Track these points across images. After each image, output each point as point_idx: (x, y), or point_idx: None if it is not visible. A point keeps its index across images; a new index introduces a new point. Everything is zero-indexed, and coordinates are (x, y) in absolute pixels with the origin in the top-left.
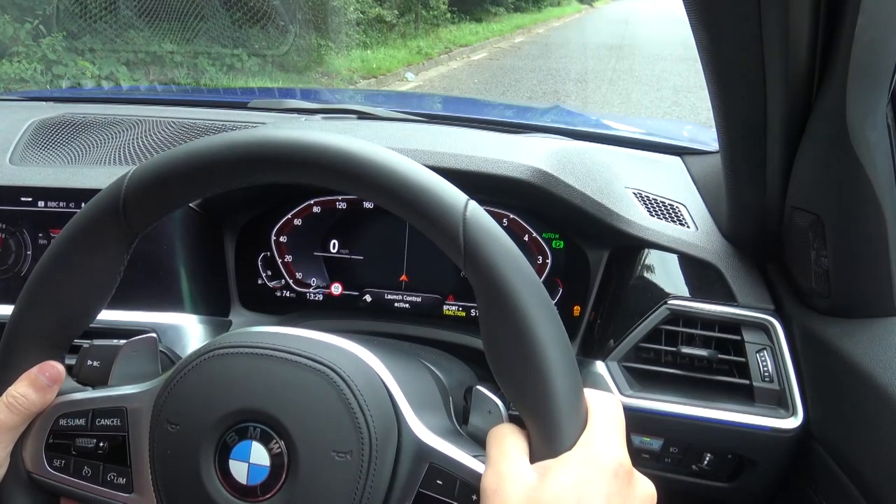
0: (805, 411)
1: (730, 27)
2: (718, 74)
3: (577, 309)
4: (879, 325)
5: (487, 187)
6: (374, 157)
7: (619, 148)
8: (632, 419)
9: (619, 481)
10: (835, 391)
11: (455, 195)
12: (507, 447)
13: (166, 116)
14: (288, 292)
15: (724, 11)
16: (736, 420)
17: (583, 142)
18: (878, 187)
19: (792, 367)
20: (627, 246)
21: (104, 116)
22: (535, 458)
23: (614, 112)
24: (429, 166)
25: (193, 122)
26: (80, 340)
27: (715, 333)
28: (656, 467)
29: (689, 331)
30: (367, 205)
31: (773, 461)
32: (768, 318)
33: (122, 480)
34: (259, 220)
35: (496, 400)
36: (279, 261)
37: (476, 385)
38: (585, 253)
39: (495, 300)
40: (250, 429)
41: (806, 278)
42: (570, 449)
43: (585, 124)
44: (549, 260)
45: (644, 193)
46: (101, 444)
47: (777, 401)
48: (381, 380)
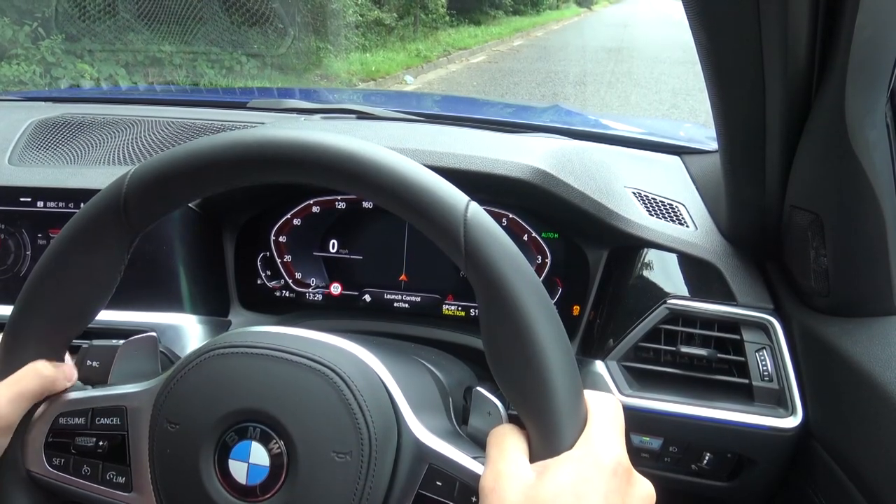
0: (804, 410)
1: (729, 26)
2: (717, 73)
3: (576, 308)
4: (879, 324)
5: (486, 187)
6: (376, 158)
7: (618, 147)
8: (631, 419)
9: (618, 480)
10: (834, 390)
11: (456, 196)
12: (507, 447)
13: (165, 116)
14: (287, 292)
15: (723, 10)
16: (735, 419)
17: (582, 141)
18: (878, 186)
19: (791, 367)
20: (627, 245)
21: (103, 116)
22: (534, 459)
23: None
24: (428, 166)
25: (192, 121)
26: (79, 340)
27: (714, 333)
28: (656, 467)
29: (688, 330)
30: (367, 204)
31: (773, 460)
32: (767, 317)
33: (121, 479)
34: (258, 219)
35: (496, 401)
36: (278, 261)
37: (475, 385)
38: (585, 252)
39: (496, 301)
40: (250, 429)
41: (805, 277)
42: (570, 449)
43: (584, 124)
44: (548, 259)
45: (643, 193)
46: (101, 443)
47: (776, 400)
48: (381, 380)
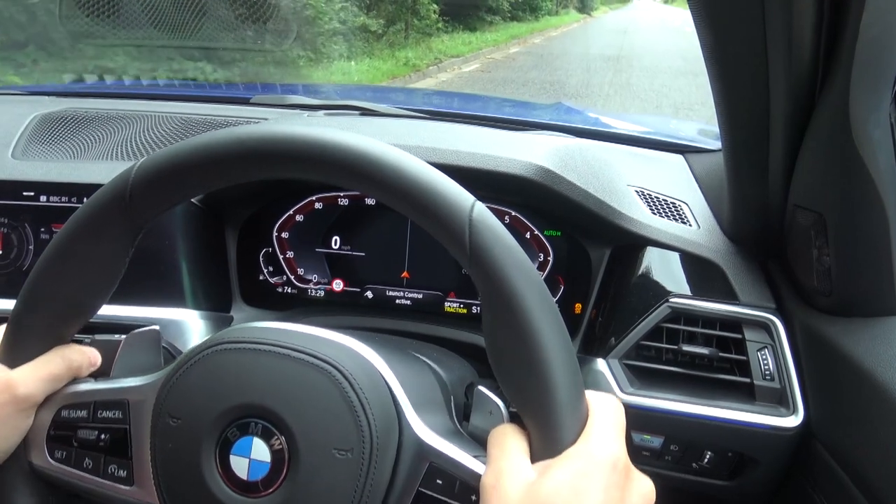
0: (806, 410)
1: (733, 25)
2: (721, 72)
3: (578, 307)
4: (881, 323)
5: (489, 184)
6: (383, 155)
7: (621, 146)
8: (632, 417)
9: (617, 476)
10: (836, 390)
11: (462, 196)
12: (508, 446)
13: (169, 111)
14: (289, 288)
15: (728, 9)
16: (737, 418)
17: (585, 139)
18: (881, 186)
19: (793, 366)
20: (629, 244)
21: (107, 111)
22: (535, 458)
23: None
24: (431, 163)
25: (196, 117)
26: (81, 335)
27: (716, 331)
28: (657, 465)
29: (690, 329)
30: (369, 201)
31: (774, 459)
32: (770, 316)
33: (122, 473)
34: (261, 215)
35: (497, 400)
36: (281, 256)
37: (477, 382)
38: (587, 250)
39: (499, 301)
40: (252, 424)
41: (808, 277)
42: (570, 447)
43: (588, 122)
44: (550, 257)
45: (646, 191)
46: (103, 437)
47: (778, 399)
48: (383, 378)
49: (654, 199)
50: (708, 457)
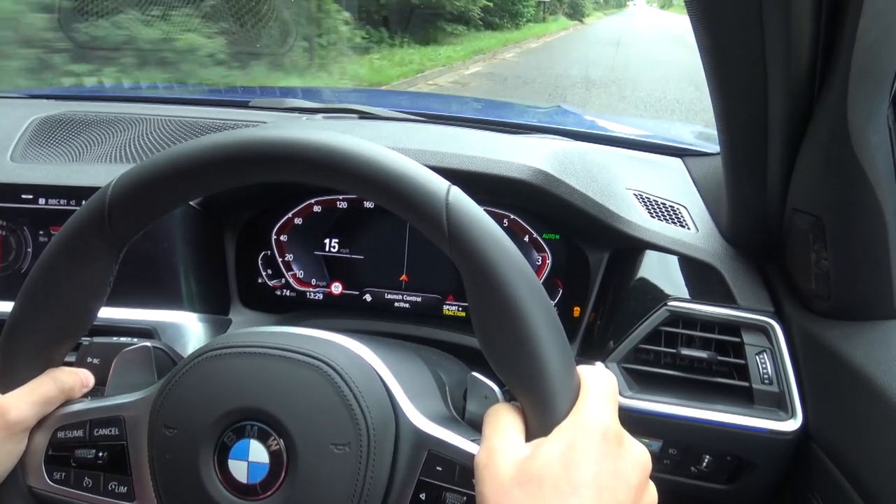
0: (804, 414)
1: (732, 29)
2: (720, 76)
3: (576, 310)
4: (879, 327)
5: (488, 187)
6: (355, 150)
7: (620, 149)
8: (631, 420)
9: (608, 444)
10: (834, 394)
11: (437, 181)
12: (502, 425)
13: (168, 115)
14: (288, 291)
15: (726, 13)
16: (735, 422)
17: (584, 142)
18: (879, 190)
19: (791, 370)
20: (628, 247)
21: (105, 114)
22: (530, 436)
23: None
24: (429, 166)
25: (195, 120)
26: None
27: (714, 335)
28: (655, 469)
29: (688, 332)
30: (368, 204)
31: (772, 463)
32: (768, 320)
33: (123, 489)
34: (260, 218)
35: (492, 385)
36: (279, 260)
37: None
38: (586, 254)
39: (482, 282)
40: (247, 427)
41: (806, 280)
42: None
43: (586, 125)
44: (549, 261)
45: (645, 195)
46: (101, 454)
47: (776, 403)
48: (375, 371)
49: (653, 203)
50: (706, 460)
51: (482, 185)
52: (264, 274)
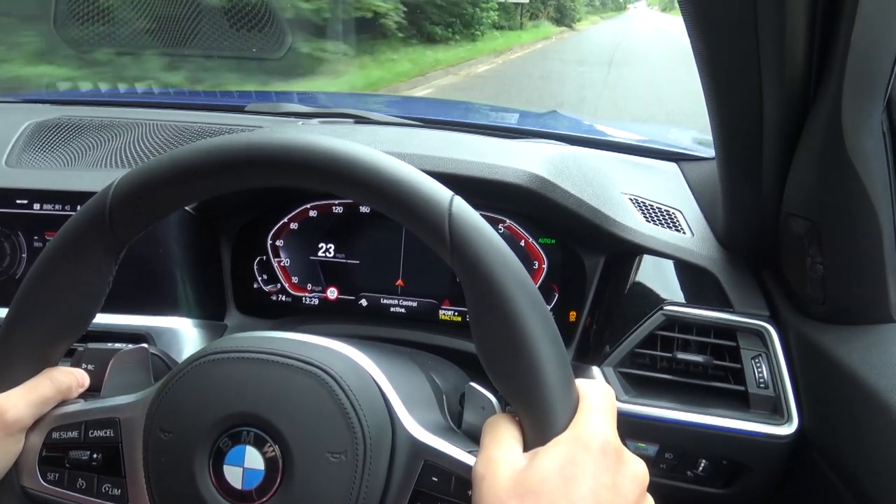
0: (800, 418)
1: (726, 34)
2: (715, 81)
3: (572, 314)
4: (875, 331)
5: (484, 192)
6: (359, 157)
7: (616, 154)
8: (627, 425)
9: (607, 459)
10: (830, 398)
11: (440, 190)
12: (500, 435)
13: (163, 119)
14: (284, 296)
15: (721, 18)
16: (731, 426)
17: (580, 147)
18: (874, 194)
19: (787, 374)
20: (624, 251)
21: (101, 119)
22: (528, 447)
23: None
24: (426, 171)
25: (190, 125)
26: (75, 343)
27: (710, 339)
28: (652, 473)
29: (684, 337)
30: (364, 209)
31: (769, 468)
32: (764, 324)
33: (117, 491)
34: (255, 223)
35: (489, 395)
36: (275, 264)
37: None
38: (581, 258)
39: (483, 292)
40: (243, 433)
41: (801, 285)
42: (560, 433)
43: (582, 130)
44: (545, 265)
45: (640, 199)
46: (95, 456)
47: (772, 407)
48: (372, 379)
49: (649, 207)
50: (703, 465)
51: (478, 190)
52: (260, 279)
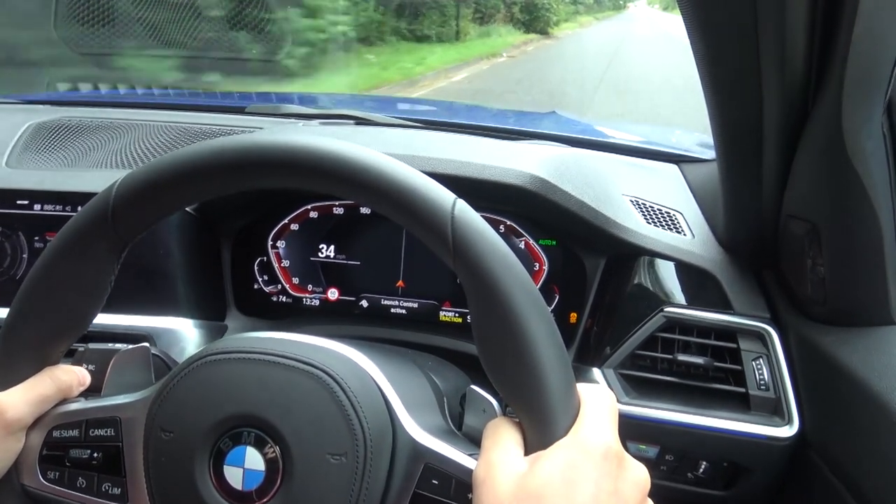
0: (801, 420)
1: (727, 35)
2: (715, 83)
3: (573, 316)
4: (875, 333)
5: (484, 194)
6: (362, 159)
7: (616, 155)
8: (628, 427)
9: (609, 465)
10: (831, 400)
11: (443, 194)
12: (501, 439)
13: (163, 120)
14: (284, 297)
15: (721, 21)
16: (732, 428)
17: (580, 149)
18: (874, 195)
19: (788, 376)
20: (624, 253)
21: (101, 120)
22: (528, 451)
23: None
24: (426, 172)
25: (190, 126)
26: (75, 344)
27: (711, 341)
28: (652, 475)
29: (685, 338)
30: (364, 210)
31: (769, 469)
32: (764, 326)
33: (117, 490)
34: (256, 224)
35: (490, 399)
36: (275, 265)
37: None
38: (582, 260)
39: (485, 296)
40: (244, 434)
41: (802, 287)
42: (562, 438)
43: (583, 131)
44: (545, 267)
45: (641, 201)
46: (96, 455)
47: (773, 409)
48: (374, 381)
49: (649, 209)
50: (703, 467)
51: (479, 192)
52: (260, 280)
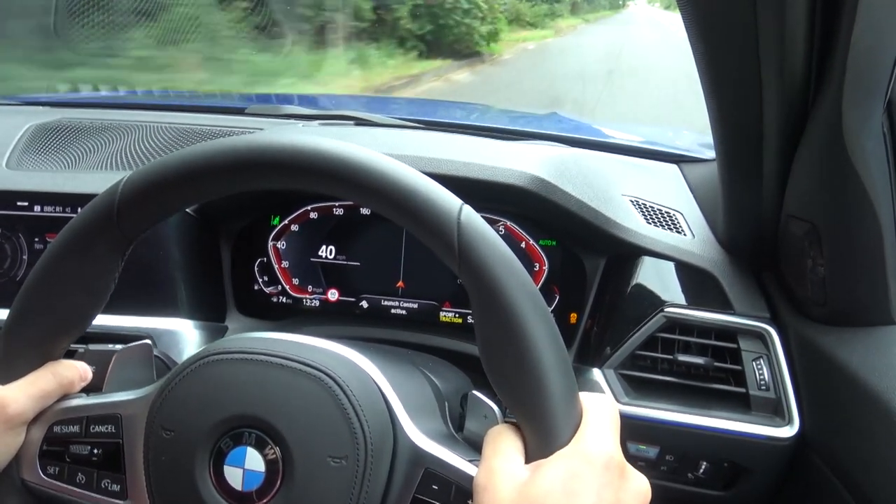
0: (801, 420)
1: (726, 35)
2: (715, 83)
3: (573, 316)
4: (875, 333)
5: (484, 194)
6: (370, 162)
7: (616, 155)
8: (628, 427)
9: (611, 475)
10: (831, 400)
11: (449, 199)
12: (502, 446)
13: (163, 122)
14: (284, 298)
15: (721, 20)
16: (732, 428)
17: (580, 149)
18: (874, 195)
19: (788, 376)
20: (624, 253)
21: (101, 121)
22: (529, 458)
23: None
24: (426, 173)
25: (190, 127)
26: (75, 345)
27: (711, 341)
28: (652, 475)
29: (685, 339)
30: (364, 211)
31: (769, 470)
32: (764, 326)
33: (116, 487)
34: (256, 225)
35: (492, 404)
36: (276, 266)
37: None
38: (582, 260)
39: (489, 303)
40: (245, 434)
41: (802, 287)
42: (563, 447)
43: (583, 131)
44: (545, 267)
45: (641, 201)
46: (96, 451)
47: (773, 409)
48: (376, 385)
49: (649, 209)
50: (703, 467)
51: (478, 192)
52: (260, 281)
